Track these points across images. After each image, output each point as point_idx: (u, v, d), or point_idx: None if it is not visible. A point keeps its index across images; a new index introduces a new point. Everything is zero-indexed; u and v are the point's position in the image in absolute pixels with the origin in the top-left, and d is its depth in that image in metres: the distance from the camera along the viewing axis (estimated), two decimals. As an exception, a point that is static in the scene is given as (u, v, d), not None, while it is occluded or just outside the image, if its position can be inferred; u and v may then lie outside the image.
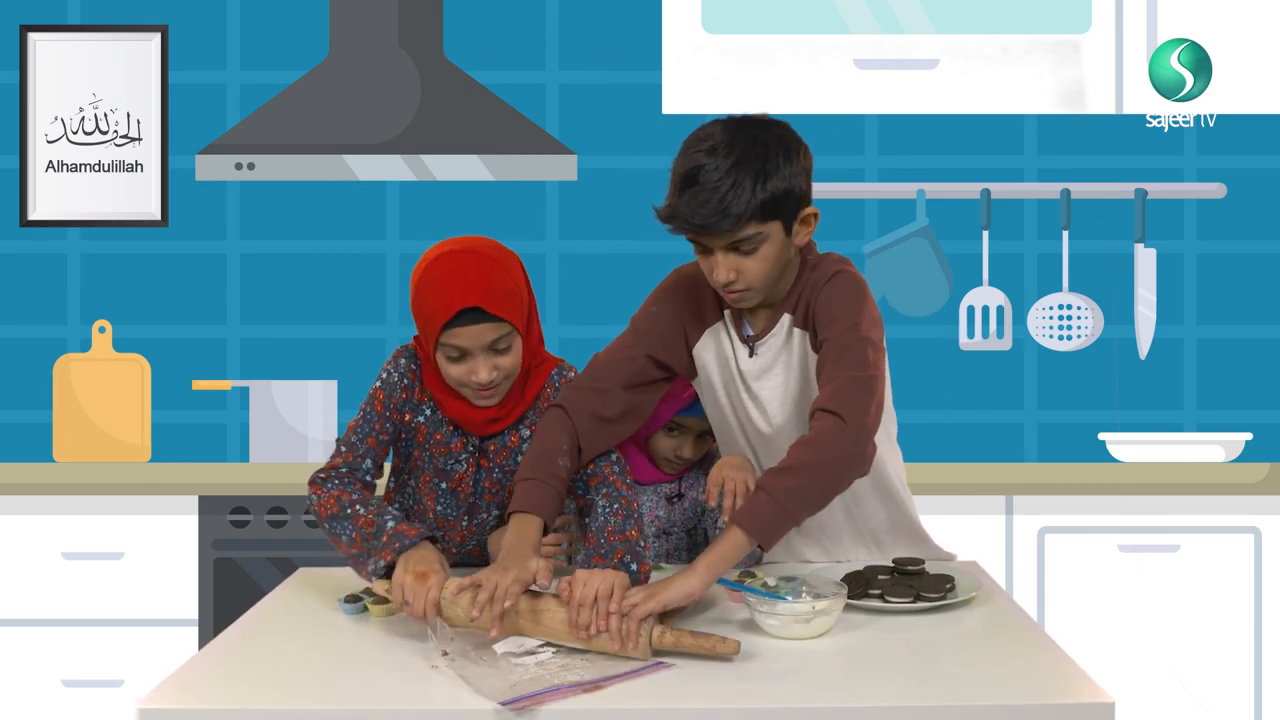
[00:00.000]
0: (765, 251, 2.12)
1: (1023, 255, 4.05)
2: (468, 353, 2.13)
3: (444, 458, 2.27)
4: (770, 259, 2.13)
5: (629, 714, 1.71)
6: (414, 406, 2.25)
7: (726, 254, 2.11)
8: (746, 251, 2.11)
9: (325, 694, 1.78)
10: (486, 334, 2.12)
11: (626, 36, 4.02)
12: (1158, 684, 3.49)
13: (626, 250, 4.05)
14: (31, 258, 4.06)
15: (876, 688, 1.80)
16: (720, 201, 2.05)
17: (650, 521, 2.50)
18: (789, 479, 2.00)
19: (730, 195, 2.05)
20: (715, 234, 2.08)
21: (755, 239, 2.10)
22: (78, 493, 3.56)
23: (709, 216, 2.06)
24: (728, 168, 2.07)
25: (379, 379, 2.25)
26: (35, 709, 3.53)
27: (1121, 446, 3.90)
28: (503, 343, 2.14)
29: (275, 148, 3.77)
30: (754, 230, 2.09)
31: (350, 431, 2.23)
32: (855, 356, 2.10)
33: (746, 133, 2.11)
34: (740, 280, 2.13)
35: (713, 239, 2.10)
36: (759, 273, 2.13)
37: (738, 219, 2.06)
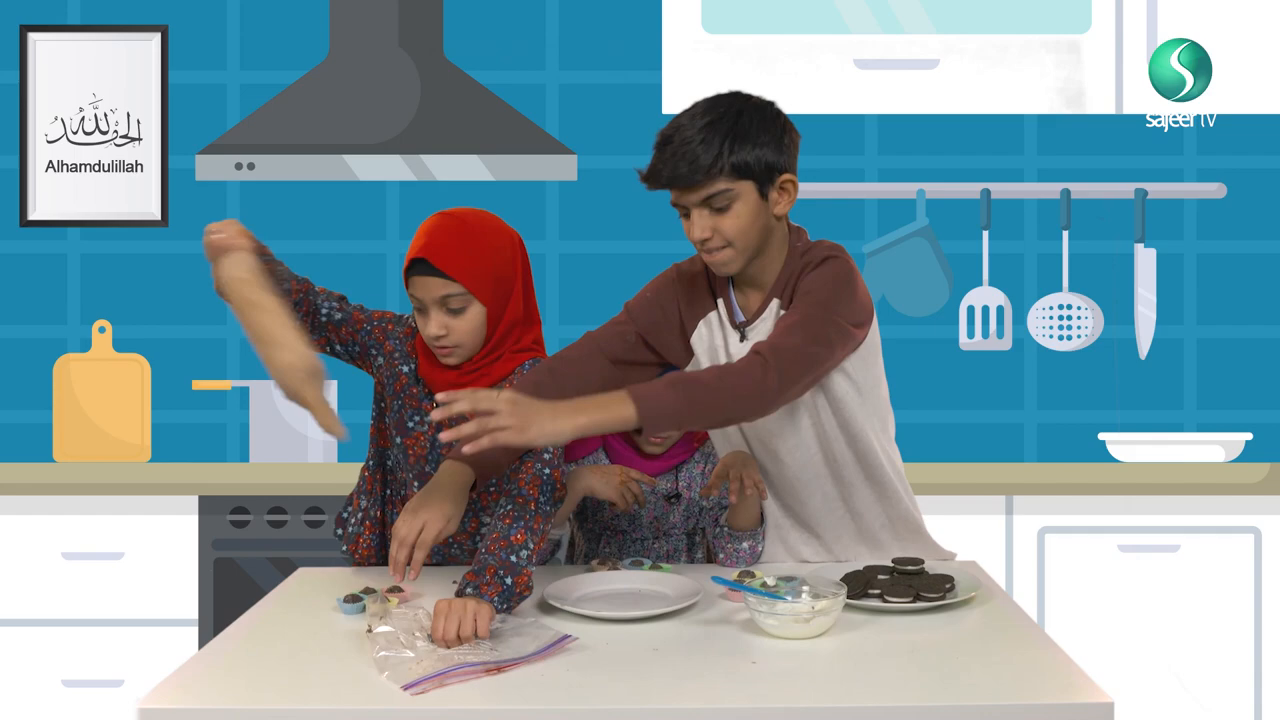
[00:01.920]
0: (739, 210, 2.19)
1: (1023, 255, 4.05)
2: (425, 306, 2.26)
3: (411, 412, 2.36)
4: (745, 219, 2.20)
5: (629, 714, 1.71)
6: (404, 357, 2.38)
7: (701, 211, 2.20)
8: (719, 208, 2.19)
9: (325, 694, 1.78)
10: (435, 288, 2.23)
11: (626, 36, 4.02)
12: (1158, 684, 3.49)
13: (626, 250, 4.05)
14: (31, 258, 4.06)
15: (876, 688, 1.80)
16: (691, 155, 2.17)
17: (649, 523, 2.50)
18: (696, 386, 2.05)
19: (700, 149, 2.17)
20: (687, 188, 2.19)
21: (727, 195, 2.18)
22: (78, 493, 3.56)
23: (680, 168, 2.17)
24: (701, 126, 2.19)
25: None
26: (35, 709, 3.53)
27: (1121, 446, 3.90)
28: (454, 302, 2.24)
29: (275, 148, 3.77)
30: (724, 185, 2.18)
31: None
32: (815, 331, 2.14)
33: (727, 100, 2.25)
34: (716, 238, 2.21)
35: (686, 194, 2.20)
36: (734, 230, 2.20)
37: (706, 170, 2.16)
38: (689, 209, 2.22)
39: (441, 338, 2.26)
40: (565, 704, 1.72)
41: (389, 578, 2.32)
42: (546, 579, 2.27)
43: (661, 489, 2.51)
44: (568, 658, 1.91)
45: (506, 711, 1.71)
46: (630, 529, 2.51)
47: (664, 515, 2.51)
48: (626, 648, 1.94)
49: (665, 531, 2.51)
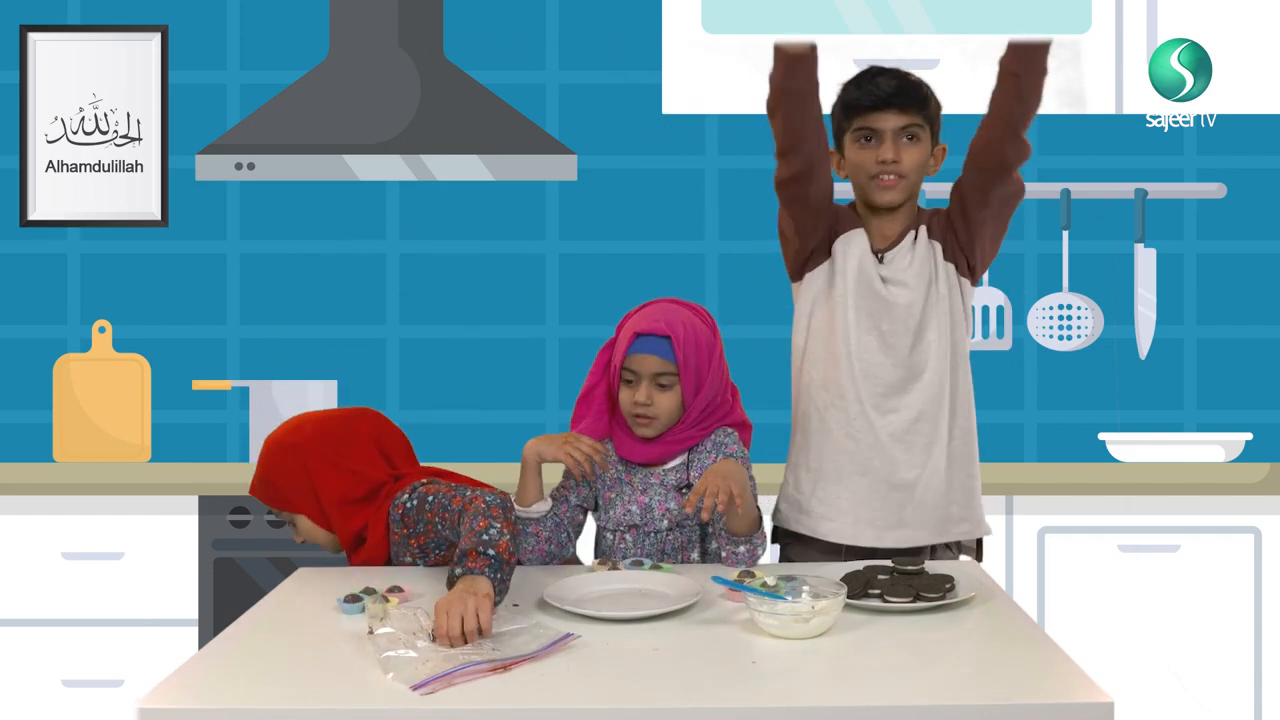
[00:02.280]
0: (920, 149, 2.56)
1: (1023, 255, 4.05)
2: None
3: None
4: (921, 158, 2.57)
5: (629, 714, 1.71)
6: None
7: (896, 137, 2.54)
8: (911, 138, 2.55)
9: (325, 694, 1.78)
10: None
11: (626, 36, 4.02)
12: (1158, 684, 3.49)
13: (626, 250, 4.05)
14: (31, 258, 4.06)
15: (876, 688, 1.80)
16: (906, 80, 2.55)
17: (661, 515, 2.50)
18: None
19: (913, 79, 2.57)
20: (896, 109, 2.53)
21: (921, 129, 2.56)
22: (78, 493, 3.56)
23: (899, 87, 2.53)
24: (906, 75, 2.58)
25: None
26: (35, 709, 3.53)
27: (1121, 446, 3.90)
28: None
29: (275, 148, 3.77)
30: (920, 120, 2.55)
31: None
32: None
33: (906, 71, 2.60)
34: (901, 164, 2.54)
35: (892, 116, 2.53)
36: (912, 163, 2.56)
37: (918, 98, 2.55)
38: (884, 133, 2.54)
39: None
40: (566, 703, 1.72)
41: (389, 578, 2.33)
42: (547, 579, 2.27)
43: (671, 480, 2.51)
44: (569, 657, 1.91)
45: (509, 710, 1.71)
46: (644, 523, 2.51)
47: (677, 506, 2.50)
48: (626, 648, 1.94)
49: (678, 523, 2.51)
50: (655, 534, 2.51)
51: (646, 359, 2.47)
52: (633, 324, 2.51)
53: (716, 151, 4.05)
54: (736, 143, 4.04)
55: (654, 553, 2.51)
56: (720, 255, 4.06)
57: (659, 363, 2.47)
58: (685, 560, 2.52)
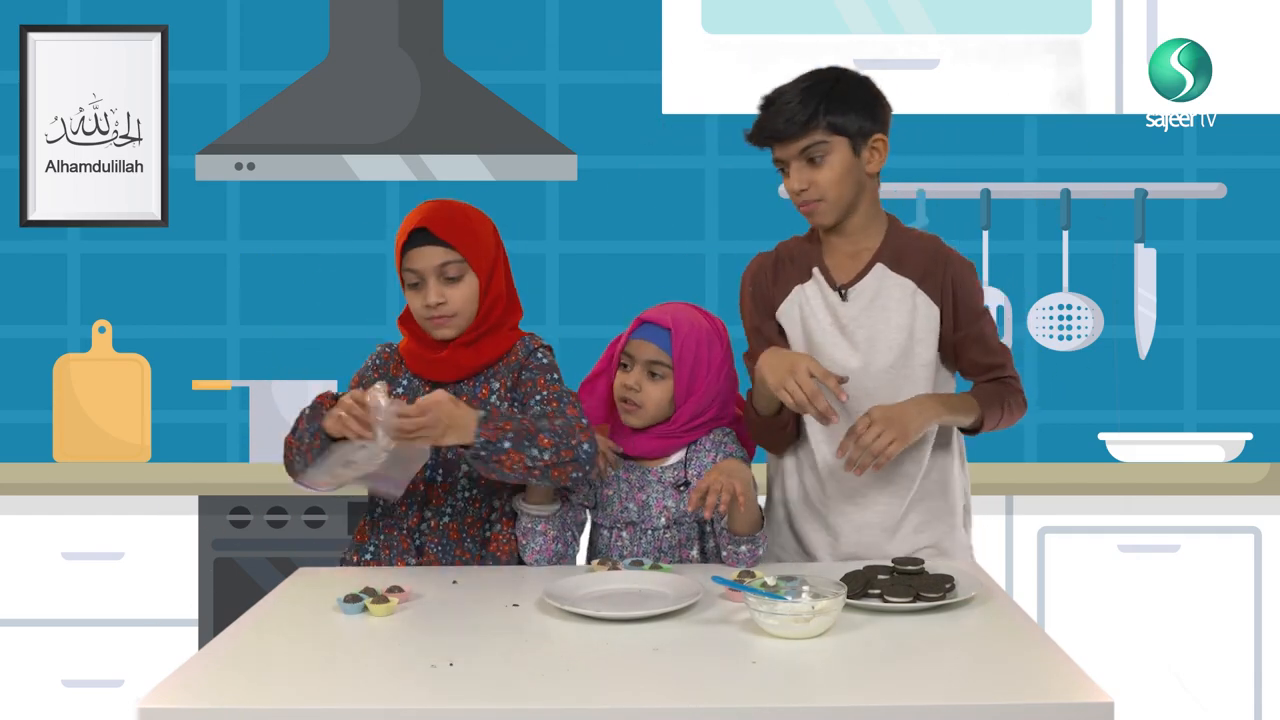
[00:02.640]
0: (833, 162, 2.41)
1: (1023, 255, 4.05)
2: (422, 279, 2.38)
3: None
4: (838, 171, 2.42)
5: (629, 713, 1.71)
6: (391, 381, 2.47)
7: (798, 163, 2.42)
8: (815, 160, 2.41)
9: (325, 694, 1.78)
10: (434, 257, 2.37)
11: (626, 36, 4.02)
12: (1158, 684, 3.49)
13: (626, 250, 4.05)
14: (31, 258, 4.06)
15: (876, 688, 1.80)
16: (789, 112, 2.41)
17: (659, 512, 2.50)
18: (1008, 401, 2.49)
19: (798, 107, 2.40)
20: (785, 140, 2.41)
21: (822, 146, 2.41)
22: (78, 493, 3.56)
23: (778, 123, 2.41)
24: (801, 89, 2.43)
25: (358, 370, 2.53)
26: (35, 709, 3.53)
27: (1121, 446, 3.90)
28: (452, 270, 2.38)
29: (275, 148, 3.77)
30: (820, 138, 2.40)
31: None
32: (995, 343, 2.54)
33: (829, 71, 2.47)
34: (812, 190, 2.42)
35: (785, 147, 2.42)
36: (828, 182, 2.42)
37: (802, 125, 2.39)
38: (788, 163, 2.43)
39: (440, 305, 2.38)
40: (565, 703, 1.72)
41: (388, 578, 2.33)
42: (547, 579, 2.28)
43: (669, 478, 2.51)
44: (569, 657, 1.91)
45: (507, 711, 1.71)
46: (641, 520, 2.51)
47: (674, 504, 2.50)
48: (626, 648, 1.94)
49: (676, 520, 2.51)
50: (652, 531, 2.51)
51: (644, 345, 2.50)
52: (643, 314, 2.56)
53: (716, 151, 4.05)
54: (736, 143, 3.99)
55: (650, 550, 2.51)
56: (720, 255, 4.06)
57: (655, 351, 2.49)
58: (684, 558, 2.52)
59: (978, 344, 2.50)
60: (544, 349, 2.46)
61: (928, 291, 2.47)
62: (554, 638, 2.02)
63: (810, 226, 2.54)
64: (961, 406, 2.45)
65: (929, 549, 2.50)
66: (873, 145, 2.44)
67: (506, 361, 2.43)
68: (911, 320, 2.46)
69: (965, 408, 2.45)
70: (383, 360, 2.50)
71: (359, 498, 3.52)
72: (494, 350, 2.43)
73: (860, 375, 2.45)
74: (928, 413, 2.38)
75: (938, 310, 2.47)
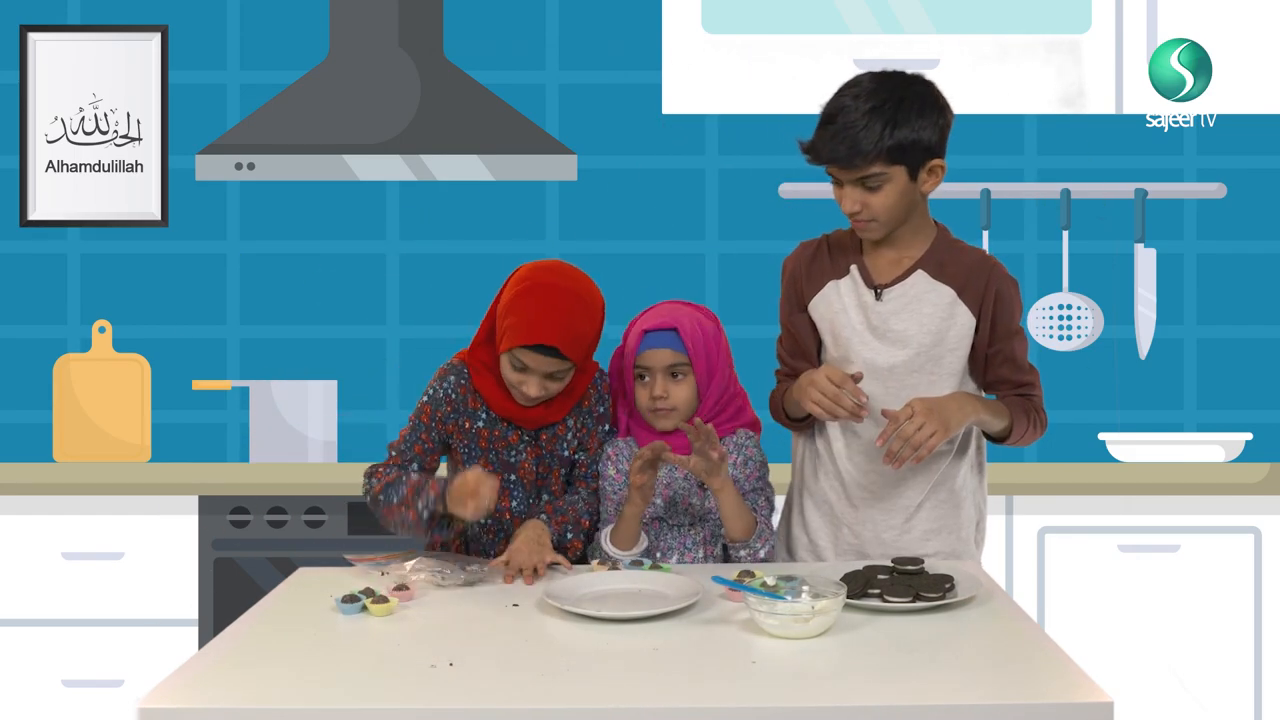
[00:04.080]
0: (889, 190, 2.39)
1: (1023, 255, 4.05)
2: (528, 370, 2.41)
3: (505, 450, 2.51)
4: (893, 198, 2.40)
5: (629, 713, 1.71)
6: (469, 414, 2.51)
7: (854, 188, 2.40)
8: (871, 188, 2.39)
9: (325, 694, 1.78)
10: (549, 365, 2.41)
11: (626, 36, 4.02)
12: (1158, 684, 3.49)
13: (626, 250, 4.05)
14: (31, 258, 4.06)
15: (876, 688, 1.80)
16: (852, 140, 2.35)
17: (684, 509, 2.52)
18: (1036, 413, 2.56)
19: (861, 135, 2.34)
20: (844, 169, 2.38)
21: (879, 178, 2.38)
22: (78, 493, 3.56)
23: (839, 152, 2.36)
24: (864, 111, 2.36)
25: (426, 394, 2.51)
26: (35, 709, 3.53)
27: (1121, 446, 3.90)
28: (560, 375, 2.43)
29: (275, 148, 3.77)
30: (879, 169, 2.37)
31: (400, 440, 2.52)
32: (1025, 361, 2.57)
33: (891, 83, 2.41)
34: (865, 212, 2.41)
35: (842, 173, 2.39)
36: (881, 207, 2.40)
37: (865, 157, 2.35)
38: (843, 182, 2.41)
39: (538, 399, 2.44)
40: (565, 703, 1.72)
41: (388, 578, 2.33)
42: (547, 579, 2.28)
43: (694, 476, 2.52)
44: (569, 657, 1.91)
45: (507, 711, 1.71)
46: (668, 515, 2.52)
47: (699, 501, 2.51)
48: (626, 648, 1.94)
49: (701, 516, 2.52)
50: (677, 528, 2.53)
51: (657, 353, 2.52)
52: (639, 324, 2.57)
53: (716, 151, 4.05)
54: (736, 143, 4.04)
55: (676, 546, 2.52)
56: (720, 255, 4.06)
57: (670, 355, 2.51)
58: (709, 555, 2.53)
59: (1009, 362, 2.52)
60: (607, 395, 2.59)
61: (967, 302, 2.48)
62: (554, 638, 2.02)
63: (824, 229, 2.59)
64: (996, 410, 2.48)
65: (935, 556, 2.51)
66: (930, 169, 2.42)
67: (580, 405, 2.55)
68: (945, 328, 2.47)
69: (999, 412, 2.49)
70: (460, 395, 2.50)
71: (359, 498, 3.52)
72: (576, 396, 2.53)
73: (885, 376, 2.47)
74: (967, 409, 2.41)
75: (974, 321, 2.48)
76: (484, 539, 2.54)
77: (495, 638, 2.01)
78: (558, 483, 2.55)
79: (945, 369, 2.48)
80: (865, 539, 2.53)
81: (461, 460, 2.52)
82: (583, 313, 2.42)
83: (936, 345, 2.47)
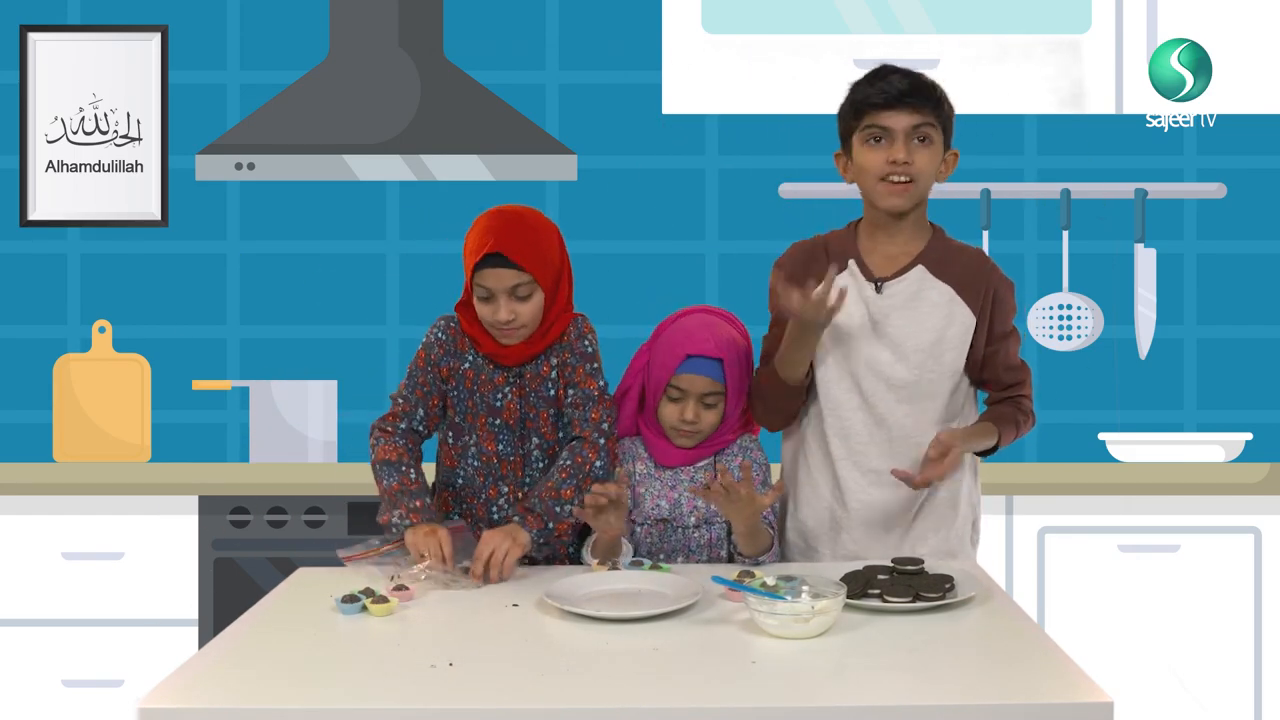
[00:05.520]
0: (933, 151, 2.43)
1: (1023, 255, 4.05)
2: (493, 294, 2.48)
3: (491, 393, 2.56)
4: (934, 160, 2.44)
5: (629, 713, 1.71)
6: (458, 355, 2.58)
7: (908, 137, 2.41)
8: (922, 139, 2.42)
9: (325, 694, 1.78)
10: (507, 279, 2.47)
11: (626, 36, 4.02)
12: (1158, 684, 3.49)
13: (626, 250, 4.05)
14: (31, 258, 4.06)
15: (876, 688, 1.80)
16: (920, 79, 2.42)
17: (689, 511, 2.52)
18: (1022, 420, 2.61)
19: (923, 79, 2.43)
20: (909, 108, 2.40)
21: (931, 131, 2.42)
22: (78, 493, 3.56)
23: (912, 85, 2.40)
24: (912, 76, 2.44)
25: (422, 343, 2.60)
26: (35, 709, 3.53)
27: (1121, 446, 3.90)
28: (522, 290, 2.48)
29: (275, 148, 3.77)
30: (934, 120, 2.42)
31: (401, 388, 2.59)
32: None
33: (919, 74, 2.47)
34: (913, 164, 2.42)
35: (904, 115, 2.41)
36: (924, 165, 2.43)
37: (932, 99, 2.41)
38: (895, 133, 2.41)
39: (510, 322, 2.48)
40: (565, 703, 1.72)
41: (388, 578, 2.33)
42: (547, 579, 2.28)
43: (700, 479, 2.52)
44: (569, 657, 1.91)
45: (507, 711, 1.71)
46: (674, 517, 2.52)
47: (704, 504, 2.52)
48: (626, 648, 1.94)
49: (707, 520, 2.52)
50: (682, 530, 2.53)
51: (697, 379, 2.52)
52: (682, 342, 2.54)
53: (716, 151, 4.05)
54: (736, 143, 4.04)
55: (681, 548, 2.53)
56: (720, 255, 4.06)
57: (709, 384, 2.52)
58: (715, 558, 2.53)
59: (1003, 362, 2.54)
60: (590, 335, 2.61)
61: (967, 301, 2.49)
62: (554, 638, 2.02)
63: (848, 223, 2.58)
64: (984, 435, 2.53)
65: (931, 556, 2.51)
66: (947, 158, 2.48)
67: (561, 342, 2.58)
68: (945, 325, 2.48)
69: (986, 435, 2.54)
70: (449, 336, 2.58)
71: (359, 497, 3.53)
72: (555, 335, 2.58)
73: (886, 372, 2.48)
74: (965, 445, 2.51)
75: (974, 321, 2.49)
76: (475, 482, 2.57)
77: (495, 638, 2.01)
78: (546, 424, 2.56)
79: (945, 367, 2.49)
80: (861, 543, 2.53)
81: (452, 403, 2.57)
82: (530, 225, 2.51)
83: (937, 343, 2.48)
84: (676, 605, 2.11)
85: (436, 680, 1.80)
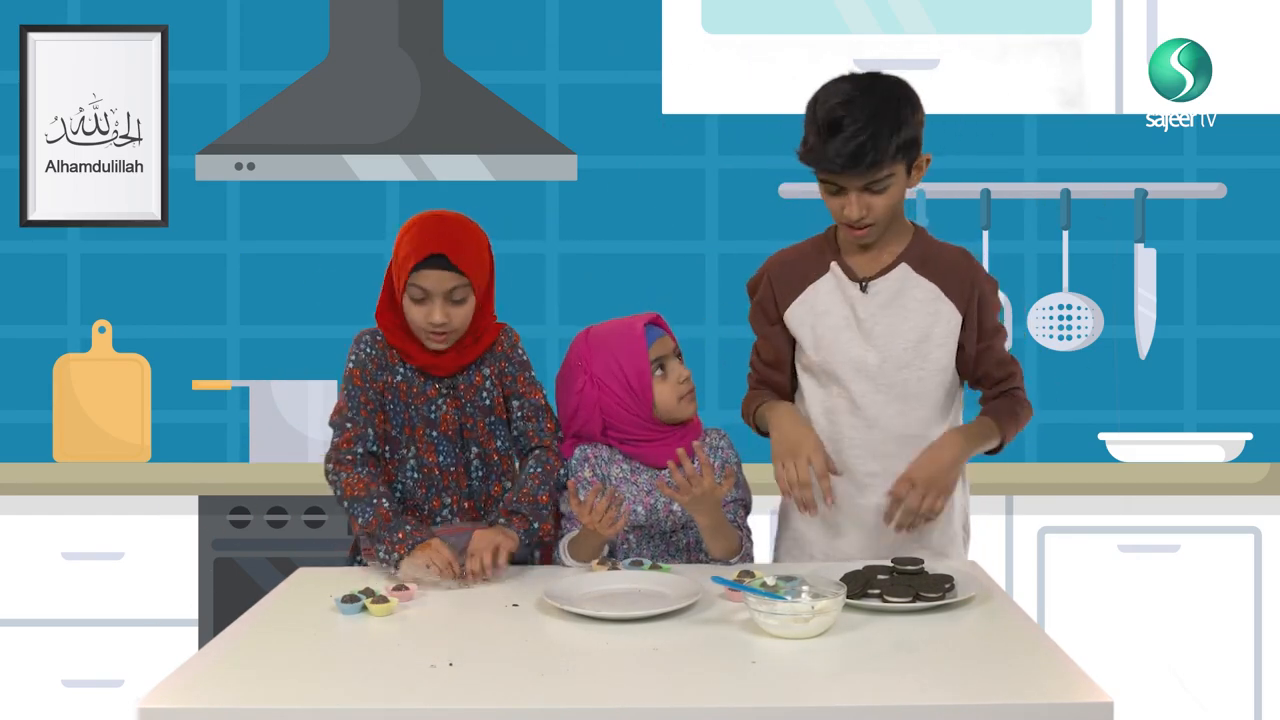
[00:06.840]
0: (892, 191, 2.41)
1: (1023, 255, 4.05)
2: (429, 296, 2.46)
3: (425, 405, 2.55)
4: (894, 198, 2.43)
5: (629, 713, 1.71)
6: (389, 369, 2.55)
7: (860, 194, 2.39)
8: (877, 191, 2.40)
9: (325, 694, 1.78)
10: (446, 281, 2.46)
11: (626, 36, 4.02)
12: (1158, 684, 3.49)
13: (626, 250, 4.05)
14: (31, 258, 4.06)
15: (876, 688, 1.80)
16: (860, 149, 2.34)
17: (666, 516, 2.51)
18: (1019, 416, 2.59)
19: (869, 144, 2.34)
20: (854, 176, 2.36)
21: (887, 180, 2.39)
22: (78, 493, 3.56)
23: (851, 162, 2.35)
24: (865, 119, 2.35)
25: (349, 361, 2.55)
26: (35, 709, 3.53)
27: (1121, 446, 3.90)
28: (459, 293, 2.47)
29: (275, 148, 3.77)
30: (887, 171, 2.38)
31: (343, 410, 2.52)
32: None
33: (877, 87, 2.41)
34: (870, 216, 2.41)
35: (851, 180, 2.38)
36: (884, 209, 2.42)
37: (876, 165, 2.35)
38: (847, 190, 2.40)
39: (443, 325, 2.47)
40: (565, 703, 1.72)
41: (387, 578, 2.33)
42: (547, 579, 2.28)
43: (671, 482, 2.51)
44: (568, 658, 1.91)
45: (507, 711, 1.71)
46: (649, 524, 2.51)
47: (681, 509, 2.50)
48: (626, 648, 1.94)
49: (684, 524, 2.52)
50: (660, 535, 2.52)
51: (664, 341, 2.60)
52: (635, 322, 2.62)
53: (716, 151, 4.05)
54: (736, 143, 4.04)
55: (659, 553, 2.52)
56: (720, 255, 4.06)
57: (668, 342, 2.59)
58: (694, 560, 2.52)
59: (994, 359, 2.55)
60: (519, 343, 2.64)
61: (952, 299, 2.49)
62: (554, 638, 2.02)
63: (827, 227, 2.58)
64: (986, 433, 2.53)
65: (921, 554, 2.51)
66: (918, 164, 2.44)
67: (493, 351, 2.59)
68: (931, 324, 2.48)
69: (989, 433, 2.54)
70: (378, 350, 2.54)
71: (359, 498, 3.52)
72: (485, 344, 2.58)
73: (873, 372, 2.48)
74: (960, 456, 2.48)
75: (960, 318, 2.49)
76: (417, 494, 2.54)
77: (495, 638, 2.01)
78: (484, 433, 2.55)
79: (932, 365, 2.49)
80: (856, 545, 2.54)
81: (387, 416, 2.53)
82: (470, 230, 2.52)
83: (923, 341, 2.48)
84: (676, 605, 2.11)
85: (436, 680, 1.80)
